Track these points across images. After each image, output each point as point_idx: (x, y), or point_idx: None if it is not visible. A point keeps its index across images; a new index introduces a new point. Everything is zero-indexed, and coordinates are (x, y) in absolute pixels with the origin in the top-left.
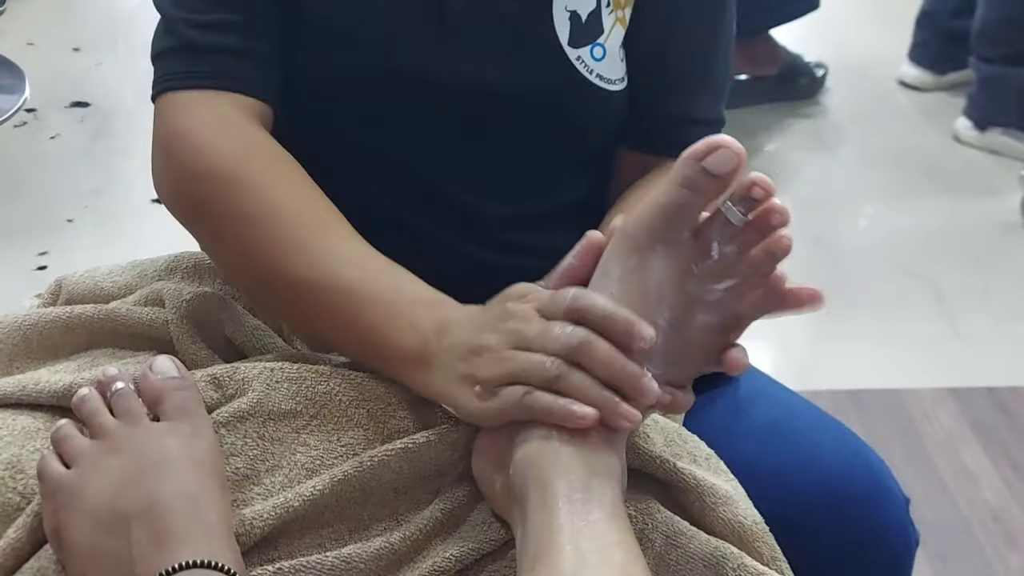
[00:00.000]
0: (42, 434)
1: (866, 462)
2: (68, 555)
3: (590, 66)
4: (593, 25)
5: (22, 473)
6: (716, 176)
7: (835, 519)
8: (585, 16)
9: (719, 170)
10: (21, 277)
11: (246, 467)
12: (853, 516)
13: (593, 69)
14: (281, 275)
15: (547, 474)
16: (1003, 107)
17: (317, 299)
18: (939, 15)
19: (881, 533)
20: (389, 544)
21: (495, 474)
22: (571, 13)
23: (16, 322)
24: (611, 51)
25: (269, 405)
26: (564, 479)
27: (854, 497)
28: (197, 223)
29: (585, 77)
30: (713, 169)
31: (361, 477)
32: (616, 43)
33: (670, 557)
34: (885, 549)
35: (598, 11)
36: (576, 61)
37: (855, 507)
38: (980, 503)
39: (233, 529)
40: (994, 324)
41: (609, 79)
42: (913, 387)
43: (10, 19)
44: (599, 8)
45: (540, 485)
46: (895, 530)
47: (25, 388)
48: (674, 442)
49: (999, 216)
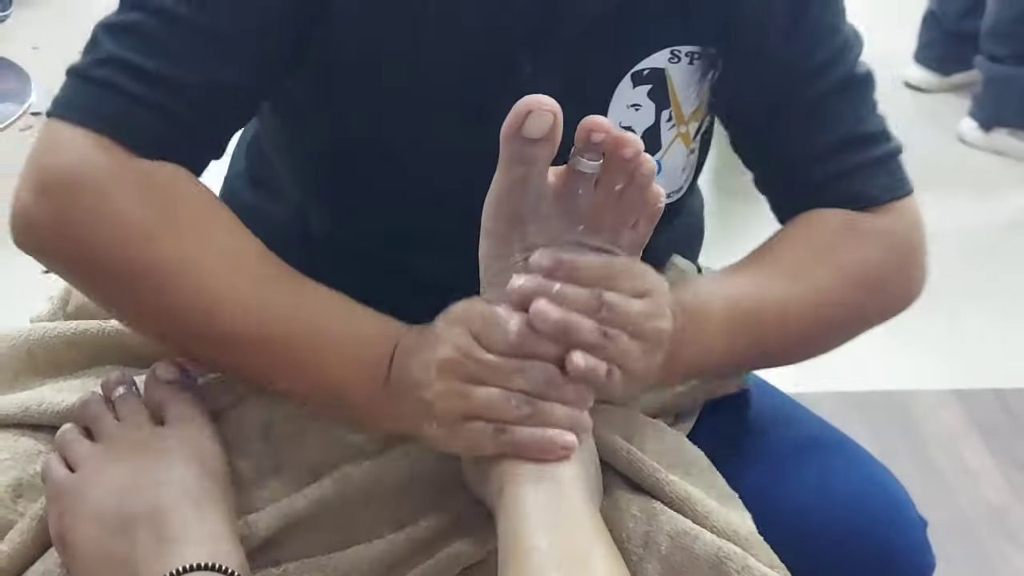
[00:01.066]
0: (44, 456)
1: (882, 486)
2: (73, 558)
3: None
4: (649, 142)
5: (23, 496)
6: (539, 140)
7: (850, 545)
8: (641, 132)
9: (538, 134)
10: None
11: (250, 469)
12: (869, 542)
13: None
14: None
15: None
16: (1009, 107)
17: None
18: (945, 16)
19: (898, 559)
20: (392, 545)
21: (480, 481)
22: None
23: (21, 337)
24: (668, 168)
25: (271, 408)
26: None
27: (870, 522)
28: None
29: None
30: (533, 135)
31: (364, 479)
32: (676, 159)
33: (675, 559)
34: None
35: (656, 127)
36: None
37: (871, 533)
38: (982, 503)
39: (237, 531)
40: (998, 325)
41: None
42: (916, 388)
43: (16, 24)
44: (658, 124)
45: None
46: (912, 556)
47: (28, 409)
48: (671, 452)
49: (1003, 217)
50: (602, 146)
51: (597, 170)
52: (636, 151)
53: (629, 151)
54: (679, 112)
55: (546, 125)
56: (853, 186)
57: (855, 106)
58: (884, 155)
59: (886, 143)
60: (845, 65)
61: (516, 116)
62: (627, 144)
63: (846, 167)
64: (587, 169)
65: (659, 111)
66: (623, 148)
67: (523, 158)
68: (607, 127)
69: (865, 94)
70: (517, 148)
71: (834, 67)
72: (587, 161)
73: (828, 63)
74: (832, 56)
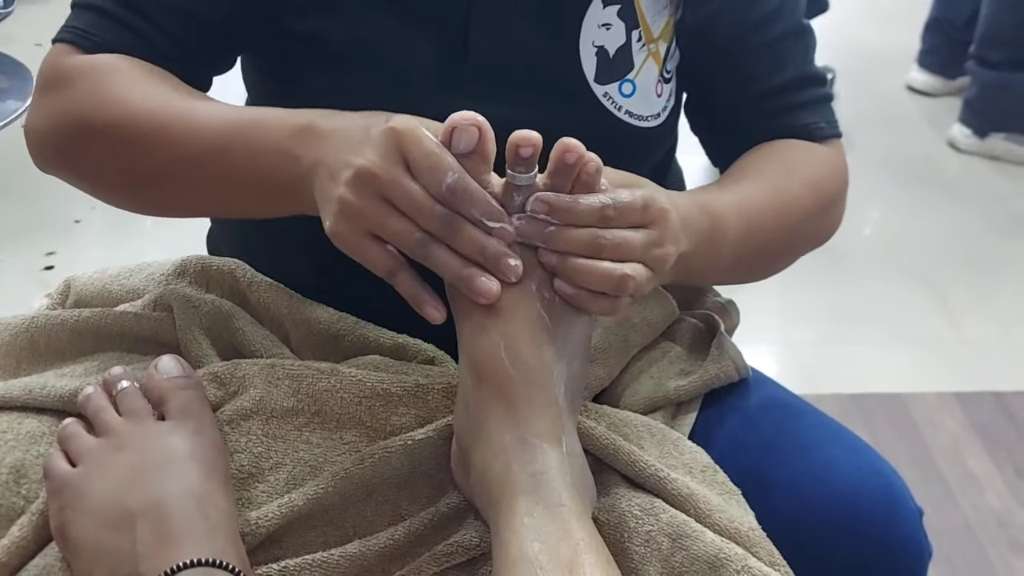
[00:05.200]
0: (47, 438)
1: (880, 475)
2: (73, 553)
3: (618, 103)
4: (622, 61)
5: (26, 478)
6: (469, 154)
7: (848, 533)
8: (613, 51)
9: (467, 148)
10: (28, 277)
11: (250, 465)
12: (866, 530)
13: (622, 106)
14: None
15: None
16: (1007, 113)
17: (189, 172)
18: (950, 23)
19: (894, 547)
20: (393, 540)
21: (464, 483)
22: (598, 48)
23: (23, 324)
24: (643, 87)
25: (271, 403)
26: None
27: (867, 511)
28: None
29: (613, 114)
30: (463, 151)
31: (363, 475)
32: (649, 79)
33: (675, 559)
34: (898, 563)
35: (628, 46)
36: (603, 98)
37: (868, 521)
38: (984, 508)
39: (238, 528)
40: (999, 329)
41: (640, 115)
42: (917, 391)
43: (18, 21)
44: (629, 43)
45: (492, 503)
46: (909, 544)
47: (31, 392)
48: (670, 453)
49: (1003, 221)
50: (533, 159)
51: (532, 180)
52: (578, 155)
53: (571, 156)
54: (648, 31)
55: (473, 139)
56: (804, 118)
57: (804, 51)
58: (826, 96)
59: (824, 86)
60: (797, 12)
61: (444, 132)
62: (569, 149)
63: (800, 101)
64: (521, 182)
65: (629, 30)
66: (566, 154)
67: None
68: (532, 141)
69: (812, 42)
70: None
71: (789, 12)
72: (520, 175)
73: (779, 9)
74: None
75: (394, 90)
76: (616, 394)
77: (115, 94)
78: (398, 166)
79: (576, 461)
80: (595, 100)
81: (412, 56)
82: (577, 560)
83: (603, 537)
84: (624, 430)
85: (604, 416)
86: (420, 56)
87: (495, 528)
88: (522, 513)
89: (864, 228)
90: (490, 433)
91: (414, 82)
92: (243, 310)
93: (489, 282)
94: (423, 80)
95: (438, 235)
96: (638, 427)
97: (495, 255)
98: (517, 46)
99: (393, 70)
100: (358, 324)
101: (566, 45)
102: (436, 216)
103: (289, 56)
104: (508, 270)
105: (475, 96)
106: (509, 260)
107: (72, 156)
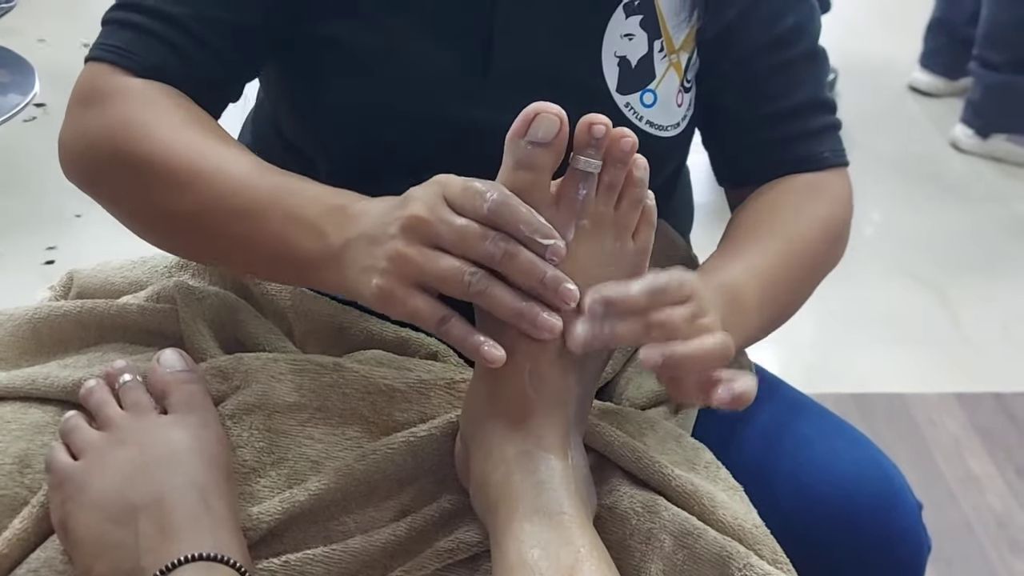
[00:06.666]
0: (51, 428)
1: (879, 467)
2: (75, 546)
3: (640, 113)
4: (644, 71)
5: (30, 468)
6: (546, 145)
7: (847, 525)
8: (635, 62)
9: (546, 138)
10: (29, 271)
11: (253, 459)
12: (865, 522)
13: (643, 116)
14: (176, 209)
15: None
16: (1009, 114)
17: (215, 224)
18: (953, 23)
19: (893, 540)
20: (395, 536)
21: (467, 479)
22: (620, 59)
23: (27, 315)
24: (664, 97)
25: (274, 397)
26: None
27: (866, 503)
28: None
29: (634, 124)
30: (541, 140)
31: (366, 470)
32: (670, 89)
33: (677, 557)
34: (896, 556)
35: (650, 56)
36: (625, 108)
37: (867, 513)
38: (985, 508)
39: (240, 522)
40: (1000, 329)
41: (660, 125)
42: (918, 392)
43: (20, 15)
44: (651, 53)
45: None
46: (907, 536)
47: (35, 382)
48: (672, 449)
49: (1005, 222)
50: (603, 141)
51: (598, 170)
52: (633, 143)
53: (627, 143)
54: (670, 41)
55: (553, 129)
56: (811, 147)
57: (818, 75)
58: (835, 124)
59: (834, 114)
60: (812, 35)
61: (523, 119)
62: (625, 135)
63: (809, 128)
64: (590, 168)
65: (651, 40)
66: (623, 142)
67: (531, 164)
68: (606, 121)
69: (826, 67)
70: (523, 153)
71: (802, 35)
72: (590, 159)
73: (797, 30)
74: (801, 23)
75: (416, 97)
76: (619, 389)
77: (151, 129)
78: (443, 207)
79: (580, 472)
80: (617, 110)
81: (434, 64)
82: (577, 567)
83: (605, 535)
84: (627, 426)
85: (607, 412)
86: (442, 65)
87: (494, 535)
88: (522, 519)
89: (866, 228)
90: (492, 446)
91: (436, 90)
92: (246, 303)
93: (551, 318)
94: (445, 88)
95: (493, 265)
96: (640, 423)
97: (554, 281)
98: (539, 56)
99: (415, 78)
100: (361, 317)
101: (588, 55)
102: (489, 241)
103: (315, 61)
104: (568, 296)
105: (497, 105)
106: (567, 285)
107: (97, 179)
